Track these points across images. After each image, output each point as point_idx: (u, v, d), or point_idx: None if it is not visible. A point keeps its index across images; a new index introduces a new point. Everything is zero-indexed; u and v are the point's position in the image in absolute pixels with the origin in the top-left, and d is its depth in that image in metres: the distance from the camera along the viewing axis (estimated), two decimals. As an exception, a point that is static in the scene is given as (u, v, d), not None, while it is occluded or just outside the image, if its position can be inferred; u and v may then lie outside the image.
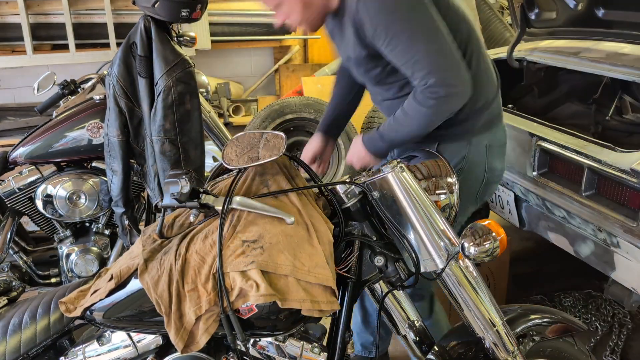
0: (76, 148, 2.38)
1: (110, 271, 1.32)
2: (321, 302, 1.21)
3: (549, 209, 2.25)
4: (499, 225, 1.23)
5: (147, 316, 1.28)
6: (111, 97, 2.16)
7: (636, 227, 1.85)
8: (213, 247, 1.23)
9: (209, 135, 2.80)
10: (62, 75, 2.84)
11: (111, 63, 2.18)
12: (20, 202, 2.42)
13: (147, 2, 2.04)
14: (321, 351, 1.37)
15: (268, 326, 1.26)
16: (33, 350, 1.38)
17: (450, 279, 1.33)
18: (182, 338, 1.21)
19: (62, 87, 2.64)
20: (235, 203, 1.24)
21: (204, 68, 3.18)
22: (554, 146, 2.16)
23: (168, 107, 2.09)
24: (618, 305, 2.60)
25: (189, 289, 1.22)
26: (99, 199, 2.41)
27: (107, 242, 2.53)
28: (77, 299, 1.34)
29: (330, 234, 1.26)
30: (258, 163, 1.26)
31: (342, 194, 1.32)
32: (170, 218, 1.36)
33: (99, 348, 1.37)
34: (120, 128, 2.18)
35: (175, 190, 1.19)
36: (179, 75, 2.08)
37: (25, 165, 2.42)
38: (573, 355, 1.53)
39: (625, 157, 1.89)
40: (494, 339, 1.35)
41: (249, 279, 1.18)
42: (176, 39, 2.21)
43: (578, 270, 2.69)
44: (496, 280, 2.59)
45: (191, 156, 2.19)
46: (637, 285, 1.98)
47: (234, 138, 1.36)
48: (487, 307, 1.34)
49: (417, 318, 1.48)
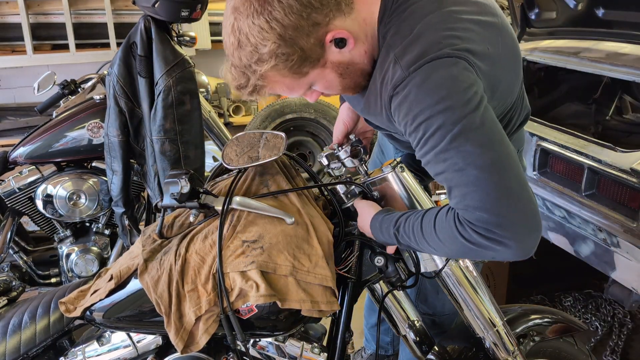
0: (76, 148, 2.38)
1: (110, 271, 1.32)
2: (321, 303, 1.21)
3: (549, 209, 2.25)
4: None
5: (147, 316, 1.28)
6: (111, 97, 2.16)
7: (636, 227, 1.85)
8: (213, 248, 1.23)
9: (209, 135, 2.80)
10: (62, 75, 2.83)
11: (111, 63, 2.18)
12: (20, 202, 2.42)
13: (147, 2, 2.04)
14: (321, 351, 1.37)
15: (268, 326, 1.26)
16: (33, 350, 1.38)
17: (450, 279, 1.33)
18: (182, 338, 1.21)
19: (62, 87, 2.64)
20: (235, 203, 1.23)
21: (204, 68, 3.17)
22: (554, 146, 2.16)
23: (168, 107, 2.09)
24: (618, 305, 2.60)
25: (189, 289, 1.21)
26: (99, 199, 2.41)
27: (107, 242, 2.53)
28: (77, 299, 1.34)
29: (330, 234, 1.26)
30: (258, 163, 1.26)
31: (342, 194, 1.32)
32: (170, 218, 1.36)
33: (98, 348, 1.37)
34: (120, 128, 2.18)
35: (175, 190, 1.19)
36: (179, 75, 2.08)
37: (25, 165, 2.43)
38: (573, 355, 1.53)
39: (625, 157, 1.89)
40: (494, 339, 1.35)
41: (249, 279, 1.18)
42: (176, 39, 2.21)
43: (578, 270, 2.69)
44: (496, 280, 2.59)
45: (191, 156, 2.19)
46: (637, 285, 1.98)
47: (234, 138, 1.36)
48: (487, 307, 1.34)
49: (417, 318, 1.48)
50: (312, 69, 1.12)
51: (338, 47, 1.10)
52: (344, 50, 1.11)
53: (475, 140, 1.02)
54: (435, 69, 1.03)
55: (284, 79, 1.12)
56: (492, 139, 1.04)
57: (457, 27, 1.08)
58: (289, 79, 1.12)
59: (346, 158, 1.34)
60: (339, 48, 1.11)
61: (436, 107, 1.02)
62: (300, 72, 1.11)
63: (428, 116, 1.03)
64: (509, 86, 1.24)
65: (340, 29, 1.08)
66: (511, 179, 1.03)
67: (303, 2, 1.02)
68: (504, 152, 1.04)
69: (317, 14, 1.04)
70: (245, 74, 1.10)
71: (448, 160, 1.03)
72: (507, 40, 1.20)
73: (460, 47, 1.05)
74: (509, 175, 1.03)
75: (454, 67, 1.03)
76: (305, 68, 1.11)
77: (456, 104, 1.01)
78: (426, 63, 1.03)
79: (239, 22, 1.05)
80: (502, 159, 1.03)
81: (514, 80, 1.26)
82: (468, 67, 1.05)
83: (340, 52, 1.11)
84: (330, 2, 1.05)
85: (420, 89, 1.04)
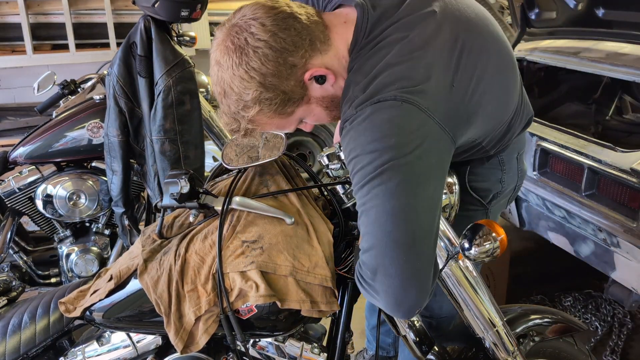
0: (76, 148, 2.38)
1: (110, 271, 1.32)
2: (321, 303, 1.21)
3: (549, 209, 2.25)
4: (499, 225, 1.23)
5: (146, 316, 1.28)
6: (111, 97, 2.16)
7: (636, 227, 1.85)
8: (213, 248, 1.23)
9: (209, 135, 2.80)
10: (62, 75, 2.83)
11: (111, 63, 2.18)
12: (20, 202, 2.42)
13: (147, 2, 2.04)
14: (321, 351, 1.37)
15: (268, 327, 1.26)
16: (33, 350, 1.38)
17: (450, 279, 1.33)
18: (181, 338, 1.21)
19: (62, 87, 2.64)
20: (234, 203, 1.23)
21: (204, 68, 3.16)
22: (554, 146, 2.16)
23: (168, 107, 2.08)
24: (618, 305, 2.60)
25: (189, 290, 1.21)
26: (99, 199, 2.41)
27: (107, 242, 2.53)
28: (77, 299, 1.34)
29: (330, 234, 1.26)
30: (258, 163, 1.26)
31: (342, 194, 1.32)
32: (170, 218, 1.36)
33: (98, 348, 1.37)
34: (120, 128, 2.18)
35: (175, 191, 1.19)
36: (179, 75, 2.08)
37: (25, 165, 2.42)
38: (573, 355, 1.53)
39: (625, 157, 1.89)
40: (494, 339, 1.35)
41: (249, 279, 1.18)
42: (176, 39, 2.21)
43: (578, 270, 2.69)
44: (496, 280, 2.59)
45: (191, 156, 2.19)
46: (637, 285, 1.98)
47: (233, 138, 1.36)
48: (487, 307, 1.34)
49: (417, 318, 1.47)
50: (297, 107, 1.16)
51: (319, 84, 1.14)
52: (326, 86, 1.15)
53: (388, 190, 1.03)
54: (377, 110, 1.06)
55: (272, 120, 1.16)
56: (409, 192, 1.04)
57: (416, 66, 1.09)
58: (277, 119, 1.16)
59: None
60: (320, 84, 1.14)
61: (367, 146, 1.05)
62: (286, 112, 1.15)
63: (358, 154, 1.06)
64: (499, 106, 1.27)
65: (318, 67, 1.12)
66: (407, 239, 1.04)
67: (277, 49, 1.06)
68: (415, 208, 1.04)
69: (292, 57, 1.08)
70: (235, 119, 1.15)
71: (361, 199, 1.07)
72: (493, 58, 1.21)
73: (411, 90, 1.06)
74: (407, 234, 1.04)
75: (396, 110, 1.05)
76: (290, 108, 1.15)
77: (385, 148, 1.03)
78: (372, 104, 1.06)
79: (222, 74, 1.11)
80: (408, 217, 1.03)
81: (505, 98, 1.28)
82: (414, 110, 1.06)
83: (322, 87, 1.15)
84: (304, 43, 1.09)
85: (358, 127, 1.07)
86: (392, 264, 1.04)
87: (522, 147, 1.53)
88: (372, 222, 1.05)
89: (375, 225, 1.05)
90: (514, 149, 1.47)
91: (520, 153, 1.52)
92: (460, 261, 1.32)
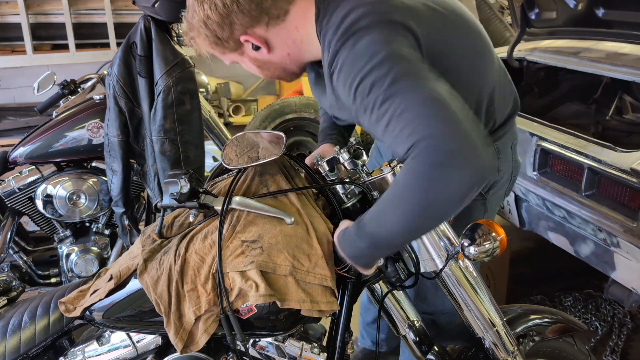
0: (76, 148, 2.38)
1: (110, 271, 1.32)
2: (321, 303, 1.21)
3: (549, 209, 2.25)
4: (499, 225, 1.23)
5: (146, 316, 1.28)
6: (111, 97, 2.16)
7: (636, 227, 1.85)
8: (212, 247, 1.23)
9: (209, 135, 2.80)
10: (62, 75, 2.84)
11: (111, 63, 2.18)
12: (20, 202, 2.42)
13: (147, 2, 2.04)
14: (321, 351, 1.37)
15: (267, 326, 1.26)
16: (33, 350, 1.38)
17: (450, 279, 1.33)
18: (181, 338, 1.21)
19: (62, 87, 2.64)
20: (234, 203, 1.23)
21: (204, 68, 3.17)
22: (554, 146, 2.16)
23: (168, 107, 2.09)
24: (618, 305, 2.60)
25: (189, 289, 1.21)
26: (99, 199, 2.41)
27: (107, 242, 2.53)
28: (77, 299, 1.34)
29: (330, 234, 1.26)
30: (258, 163, 1.26)
31: (342, 194, 1.32)
32: (170, 218, 1.36)
33: (98, 348, 1.37)
34: (120, 128, 2.18)
35: (175, 190, 1.19)
36: (179, 75, 2.08)
37: (25, 165, 2.43)
38: (573, 355, 1.53)
39: (625, 157, 1.89)
40: (494, 339, 1.35)
41: (249, 279, 1.18)
42: (176, 39, 2.21)
43: (578, 270, 2.69)
44: (496, 280, 2.59)
45: (191, 156, 2.19)
46: (637, 285, 1.98)
47: (233, 138, 1.36)
48: (487, 307, 1.34)
49: (417, 318, 1.48)
50: (230, 52, 1.31)
51: (254, 49, 1.29)
52: (261, 52, 1.30)
53: (410, 80, 1.07)
54: (361, 37, 1.13)
55: (208, 48, 1.32)
56: (425, 76, 1.10)
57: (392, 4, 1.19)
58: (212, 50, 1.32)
59: (348, 160, 1.34)
60: (255, 50, 1.29)
61: (365, 67, 1.10)
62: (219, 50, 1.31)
63: (361, 79, 1.11)
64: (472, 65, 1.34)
65: (256, 37, 1.26)
66: (454, 109, 1.06)
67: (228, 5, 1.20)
68: (438, 86, 1.09)
69: (236, 19, 1.22)
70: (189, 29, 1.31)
71: (390, 109, 1.07)
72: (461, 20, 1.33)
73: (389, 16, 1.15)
74: (450, 105, 1.06)
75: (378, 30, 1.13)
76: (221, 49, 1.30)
77: (383, 59, 1.09)
78: (352, 35, 1.14)
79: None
80: (439, 91, 1.07)
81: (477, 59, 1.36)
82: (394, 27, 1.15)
83: (256, 52, 1.30)
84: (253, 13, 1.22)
85: (347, 58, 1.14)
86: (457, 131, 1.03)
87: (515, 139, 1.58)
88: (413, 118, 1.04)
89: (420, 118, 1.04)
90: (508, 138, 1.53)
91: (514, 144, 1.57)
92: (460, 261, 1.32)
